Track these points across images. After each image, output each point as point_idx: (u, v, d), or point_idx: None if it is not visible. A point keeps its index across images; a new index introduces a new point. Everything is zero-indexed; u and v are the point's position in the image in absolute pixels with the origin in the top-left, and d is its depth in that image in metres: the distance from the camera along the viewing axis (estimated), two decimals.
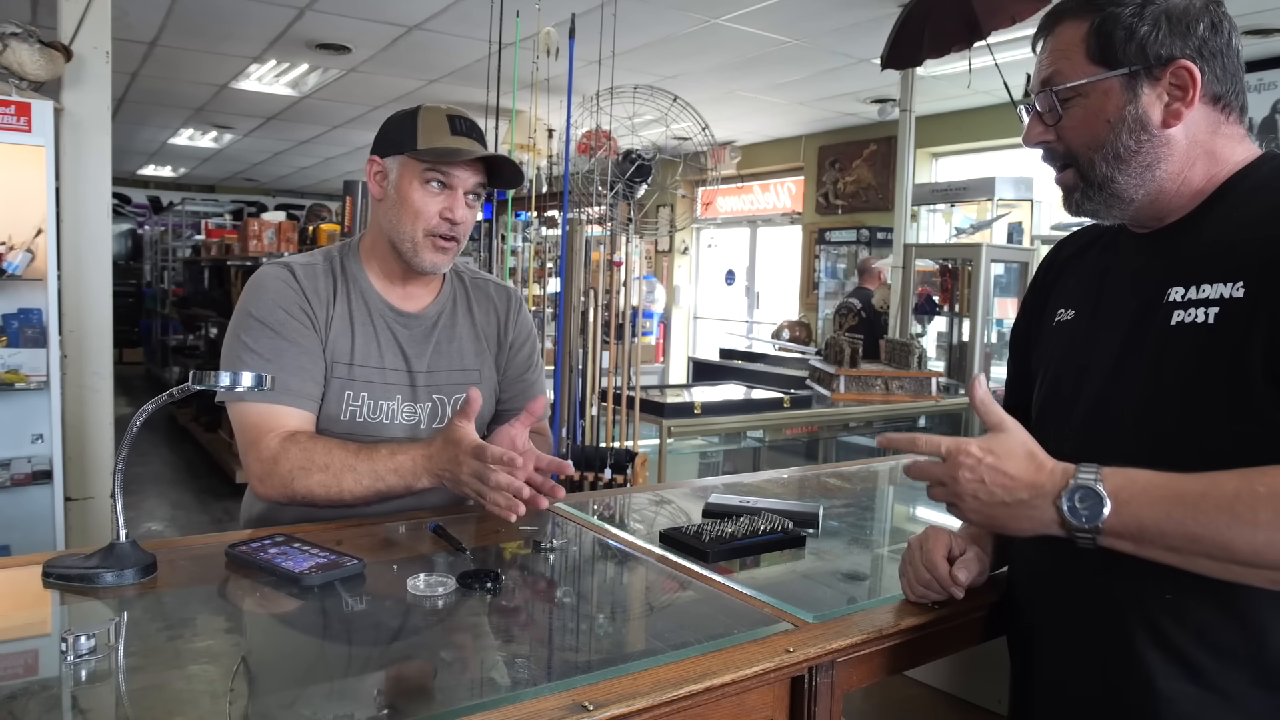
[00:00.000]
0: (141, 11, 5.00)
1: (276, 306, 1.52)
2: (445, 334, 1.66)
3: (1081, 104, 1.04)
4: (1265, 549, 0.85)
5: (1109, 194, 1.05)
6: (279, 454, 1.44)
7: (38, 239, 2.80)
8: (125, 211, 13.49)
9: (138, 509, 5.77)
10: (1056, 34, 1.06)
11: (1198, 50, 1.00)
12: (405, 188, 1.55)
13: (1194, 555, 0.89)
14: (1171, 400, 0.98)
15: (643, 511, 1.77)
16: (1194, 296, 0.97)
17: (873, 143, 7.75)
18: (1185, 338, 0.97)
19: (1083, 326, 1.12)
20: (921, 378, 4.43)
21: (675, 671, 0.95)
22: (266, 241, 6.50)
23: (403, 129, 1.57)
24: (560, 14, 3.94)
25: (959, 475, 0.98)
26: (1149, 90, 1.01)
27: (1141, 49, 1.00)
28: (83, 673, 0.91)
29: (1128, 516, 0.90)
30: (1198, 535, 0.88)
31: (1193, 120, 1.02)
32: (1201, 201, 1.03)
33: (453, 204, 1.56)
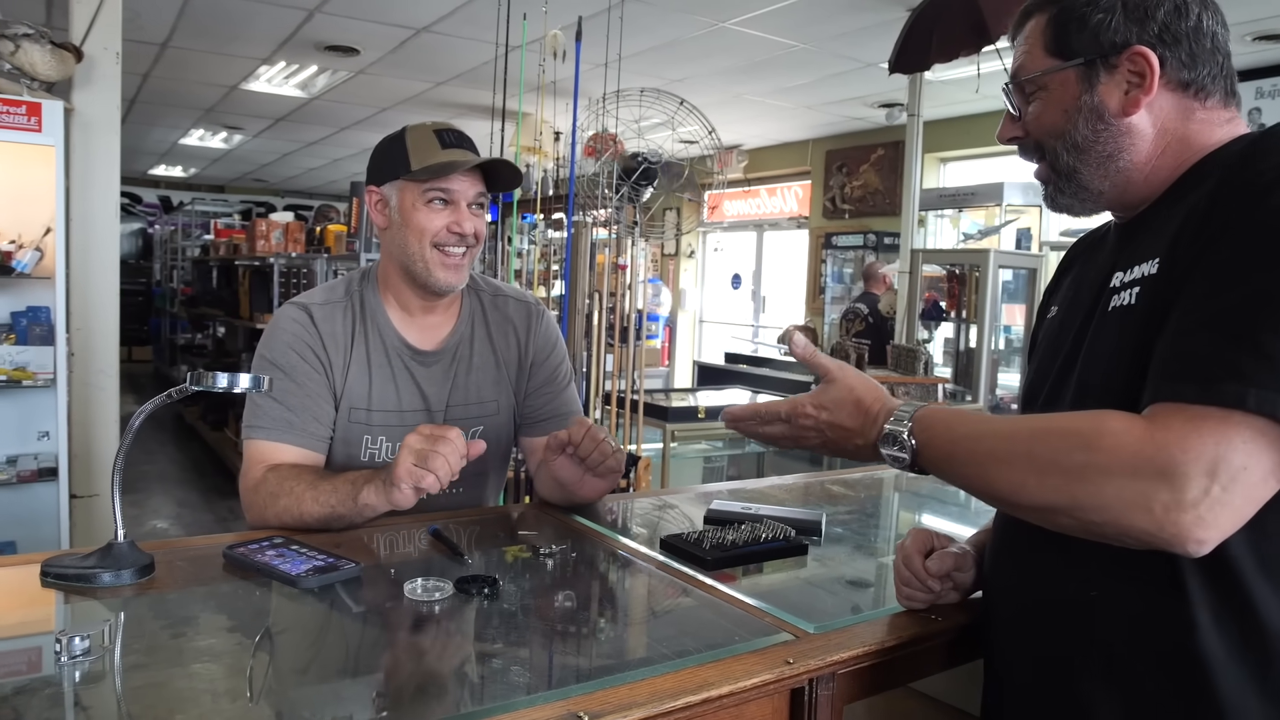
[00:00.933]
0: (153, 13, 5.02)
1: (289, 350, 1.55)
2: (463, 367, 1.66)
3: (1042, 96, 1.04)
4: (1019, 488, 0.90)
5: (1076, 185, 1.04)
6: (259, 483, 1.47)
7: (46, 238, 2.81)
8: (136, 211, 13.55)
9: (143, 507, 5.78)
10: (1025, 29, 1.06)
11: (1158, 36, 0.96)
12: (408, 210, 1.55)
13: (976, 489, 0.96)
14: (1099, 384, 0.97)
15: (644, 517, 1.76)
16: (1126, 279, 0.97)
17: (880, 147, 7.74)
18: (1114, 321, 0.97)
19: (1057, 320, 1.13)
20: (928, 384, 4.41)
21: (672, 682, 0.94)
22: (274, 242, 6.51)
23: (393, 154, 1.56)
24: (567, 17, 3.94)
25: (802, 435, 1.09)
26: (1106, 79, 0.99)
27: (1095, 38, 0.98)
28: (76, 674, 0.91)
29: (926, 457, 1.00)
30: (969, 477, 0.96)
31: (1159, 107, 0.98)
32: (1167, 188, 1.00)
33: (458, 217, 1.56)
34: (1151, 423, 0.84)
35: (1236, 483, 0.80)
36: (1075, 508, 0.86)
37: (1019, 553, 1.07)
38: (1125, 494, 0.82)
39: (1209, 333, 0.83)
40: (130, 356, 12.35)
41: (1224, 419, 0.80)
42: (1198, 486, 0.80)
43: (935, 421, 1.00)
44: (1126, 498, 0.82)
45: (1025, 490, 0.89)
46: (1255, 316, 0.81)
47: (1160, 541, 0.82)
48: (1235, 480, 0.80)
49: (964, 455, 0.96)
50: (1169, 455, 0.81)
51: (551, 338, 1.76)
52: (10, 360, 2.82)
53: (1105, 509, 0.84)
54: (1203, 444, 0.80)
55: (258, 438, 1.52)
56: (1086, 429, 0.87)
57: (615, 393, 3.58)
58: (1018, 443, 0.91)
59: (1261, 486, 0.81)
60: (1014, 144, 1.10)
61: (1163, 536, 0.82)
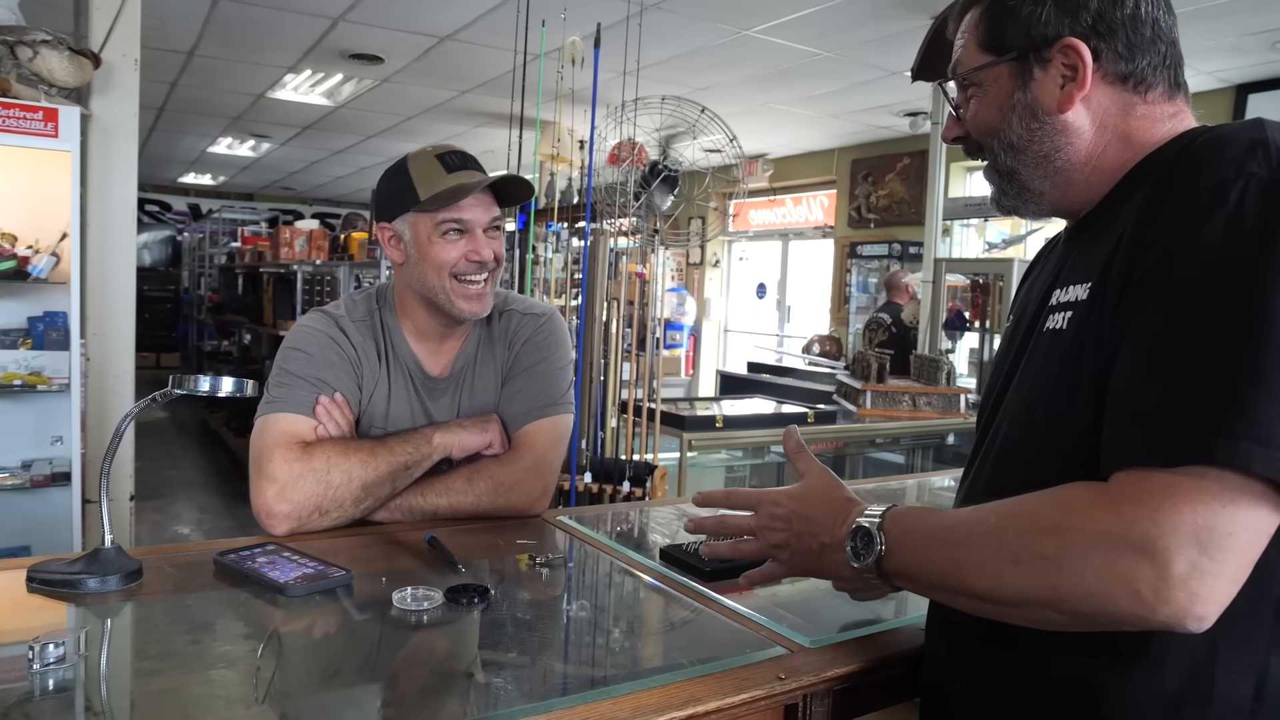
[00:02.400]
0: (179, 21, 5.08)
1: (324, 347, 1.54)
2: (468, 390, 1.64)
3: (978, 93, 0.98)
4: (994, 583, 0.81)
5: (1018, 186, 0.98)
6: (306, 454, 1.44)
7: (63, 243, 2.83)
8: (165, 219, 13.74)
9: (165, 512, 5.82)
10: (964, 22, 1.00)
11: (1091, 27, 0.90)
12: (423, 243, 1.51)
13: (953, 594, 0.87)
14: (1026, 412, 0.93)
15: (652, 526, 1.73)
16: (1062, 300, 0.91)
17: (906, 156, 7.67)
18: (1044, 345, 0.92)
19: (1008, 333, 1.08)
20: (950, 394, 4.35)
21: (658, 697, 0.91)
22: (298, 249, 6.56)
23: (398, 186, 1.52)
24: (587, 25, 3.93)
25: (768, 527, 1.03)
26: (1040, 74, 0.93)
27: (1026, 31, 0.92)
28: (49, 681, 0.89)
29: (898, 556, 0.91)
30: (944, 573, 0.86)
31: (1097, 102, 0.92)
32: (1107, 192, 0.94)
33: (475, 245, 1.52)
34: (1118, 493, 0.76)
35: (1226, 551, 0.72)
36: (1058, 600, 0.77)
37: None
38: (1107, 577, 0.74)
39: (1164, 387, 0.76)
40: (158, 363, 12.51)
41: (1198, 482, 0.72)
42: (1184, 560, 0.71)
43: (908, 515, 0.92)
44: (1109, 581, 0.74)
45: (1002, 582, 0.81)
46: (1216, 365, 0.73)
47: (1157, 624, 0.74)
48: (1224, 549, 0.72)
49: (937, 551, 0.88)
50: (1142, 530, 0.73)
51: (538, 340, 1.65)
52: (26, 365, 2.84)
53: (1090, 596, 0.75)
54: (1179, 514, 0.72)
55: (283, 410, 1.46)
56: (1051, 508, 0.80)
57: (632, 401, 3.55)
58: (988, 529, 0.83)
59: (1252, 547, 0.73)
60: (958, 144, 1.04)
61: (1158, 618, 0.73)
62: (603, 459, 3.47)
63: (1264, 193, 0.77)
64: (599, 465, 3.39)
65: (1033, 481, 0.84)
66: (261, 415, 1.48)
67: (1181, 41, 0.96)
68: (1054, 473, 0.83)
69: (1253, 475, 0.71)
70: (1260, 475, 0.71)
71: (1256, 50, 4.87)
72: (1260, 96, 5.42)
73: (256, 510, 1.43)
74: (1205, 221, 0.77)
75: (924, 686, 1.07)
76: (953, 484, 2.46)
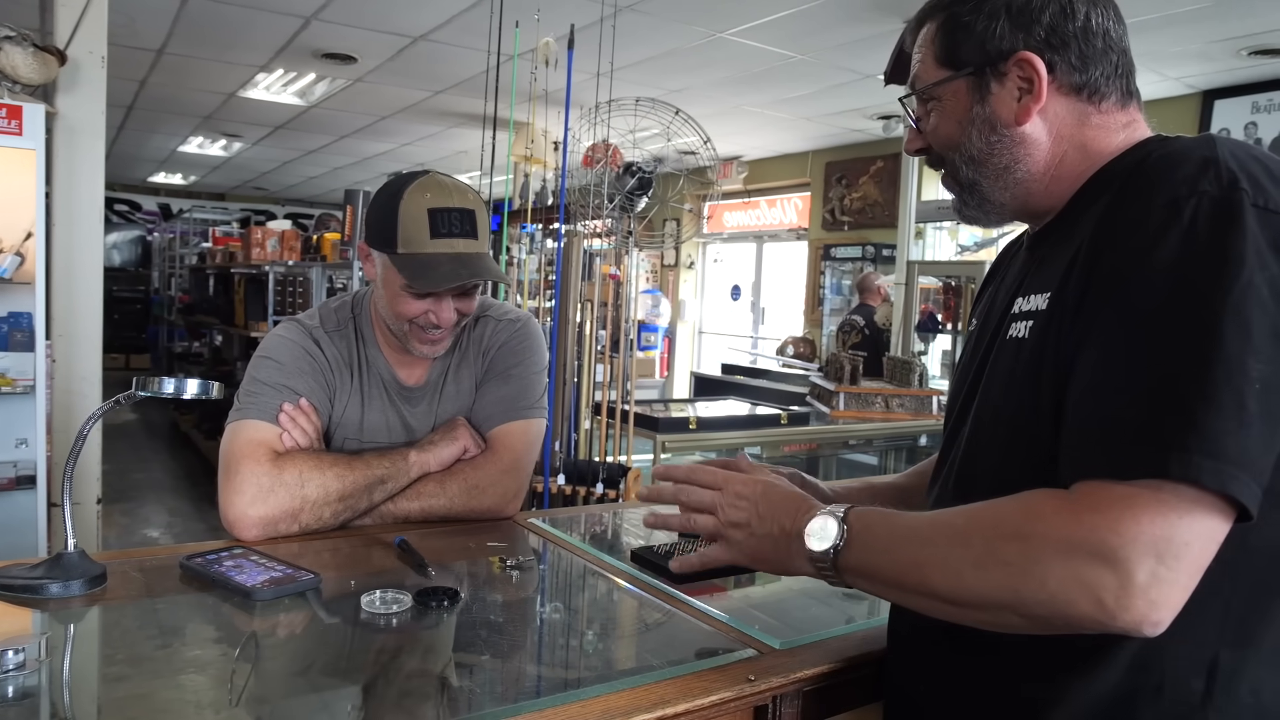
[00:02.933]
0: (148, 19, 5.01)
1: (295, 356, 1.53)
2: (443, 399, 1.62)
3: (937, 107, 1.00)
4: (956, 585, 0.83)
5: (979, 197, 1.00)
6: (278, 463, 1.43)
7: (27, 243, 2.79)
8: (135, 218, 13.56)
9: (134, 515, 5.75)
10: (919, 37, 1.02)
11: (1045, 40, 0.92)
12: (390, 287, 1.49)
13: (908, 593, 0.88)
14: (991, 419, 0.95)
15: (624, 528, 1.73)
16: (1024, 308, 0.93)
17: (879, 159, 7.72)
18: (1007, 353, 0.94)
19: (973, 338, 1.09)
20: (922, 396, 4.38)
21: (627, 699, 0.91)
22: (270, 250, 6.50)
23: (384, 223, 1.46)
24: (561, 26, 3.92)
25: (732, 501, 1.02)
26: (997, 88, 0.95)
27: (981, 46, 0.94)
28: (8, 689, 0.87)
29: (858, 550, 0.91)
30: (905, 573, 0.87)
31: (1053, 114, 0.94)
32: (1066, 202, 0.96)
33: (437, 309, 1.48)
34: (1079, 502, 0.78)
35: (1181, 560, 0.74)
36: (1019, 603, 0.79)
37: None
38: (1068, 583, 0.76)
39: (1121, 401, 0.78)
40: (128, 364, 12.34)
41: (1155, 495, 0.75)
42: (1144, 570, 0.74)
43: (872, 513, 0.93)
44: (1070, 587, 0.76)
45: (963, 584, 0.82)
46: (1170, 381, 0.76)
47: (1115, 629, 0.76)
48: (1179, 558, 0.74)
49: (899, 549, 0.88)
50: (1102, 539, 0.75)
51: (513, 345, 1.64)
52: None
53: (1051, 601, 0.77)
54: (1138, 525, 0.74)
55: (250, 417, 1.45)
56: (1015, 514, 0.82)
57: (605, 403, 3.55)
58: (954, 530, 0.85)
59: (1203, 556, 0.76)
60: (920, 155, 1.06)
61: (1117, 624, 0.76)
62: (576, 461, 3.47)
63: (1215, 211, 0.78)
64: (572, 467, 3.38)
65: (997, 487, 0.86)
66: (230, 423, 1.48)
67: (1150, 47, 0.98)
68: (1016, 478, 0.85)
69: (1204, 488, 0.74)
70: (1212, 488, 0.74)
71: (1222, 57, 4.95)
72: (1226, 102, 5.50)
73: (226, 519, 1.41)
74: (1160, 239, 0.79)
75: (886, 689, 1.08)
76: None
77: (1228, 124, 5.48)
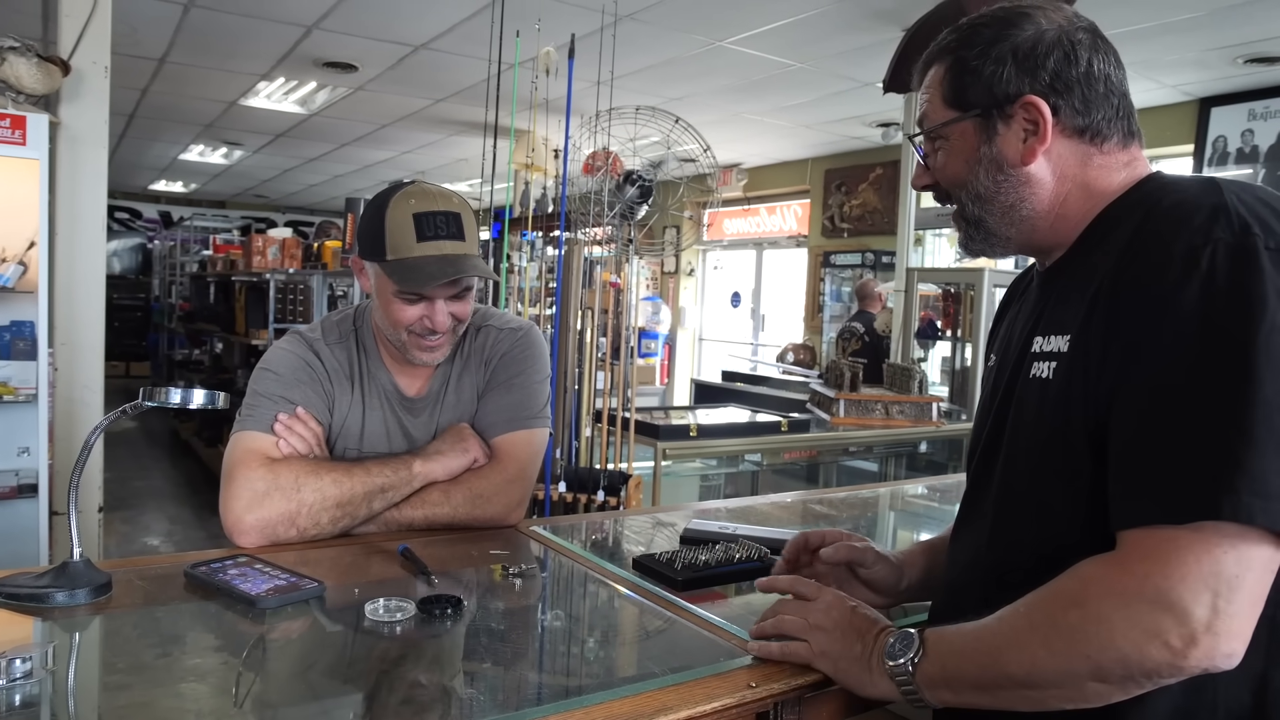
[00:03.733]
0: (150, 28, 5.04)
1: (295, 368, 1.54)
2: (444, 409, 1.63)
3: (945, 146, 1.04)
4: (1033, 668, 0.85)
5: (985, 232, 1.04)
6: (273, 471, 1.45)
7: (30, 252, 2.80)
8: (136, 226, 13.59)
9: (135, 524, 5.75)
10: (927, 78, 1.06)
11: (1049, 85, 0.97)
12: (383, 296, 1.51)
13: (996, 690, 0.89)
14: (1021, 456, 0.98)
15: (625, 535, 1.73)
16: (1045, 348, 0.97)
17: (878, 166, 7.74)
18: (1032, 392, 0.97)
19: (992, 374, 1.13)
20: (922, 402, 4.38)
21: (630, 706, 0.92)
22: (270, 258, 6.51)
23: (372, 232, 1.48)
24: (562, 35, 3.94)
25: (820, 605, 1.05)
26: (1004, 129, 0.99)
27: (988, 89, 0.99)
28: (15, 697, 0.88)
29: (935, 659, 0.92)
30: (984, 668, 0.89)
31: (1057, 155, 0.99)
32: (1075, 240, 1.01)
33: (431, 313, 1.49)
34: (1127, 554, 0.82)
35: (1237, 592, 0.78)
36: (1096, 669, 0.82)
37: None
38: (1133, 634, 0.79)
39: (1166, 449, 0.81)
40: (128, 372, 12.35)
41: (1199, 534, 0.78)
42: (1202, 606, 0.78)
43: (944, 628, 0.95)
44: (1136, 637, 0.79)
45: (1038, 665, 0.85)
46: (1211, 426, 0.79)
47: (1191, 669, 0.79)
48: (1235, 590, 0.78)
49: (973, 648, 0.91)
50: (1155, 585, 0.79)
51: (515, 354, 1.65)
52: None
53: (1123, 659, 0.80)
54: (1185, 566, 0.78)
55: (249, 429, 1.48)
56: (1070, 585, 0.85)
57: (606, 410, 3.56)
58: (1016, 618, 0.88)
59: (1259, 586, 0.79)
60: (927, 190, 1.10)
61: (1190, 664, 0.79)
62: (577, 468, 3.47)
63: (1232, 256, 0.82)
64: (573, 474, 3.39)
65: (1038, 534, 0.92)
66: (232, 435, 1.50)
67: (1147, 56, 1.04)
68: (1061, 526, 0.91)
69: (1254, 525, 0.77)
70: (1262, 525, 0.77)
71: (1218, 65, 4.97)
72: (1222, 109, 5.52)
73: (225, 526, 1.44)
74: (1183, 286, 0.83)
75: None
76: (925, 492, 2.48)
77: (1224, 131, 5.50)
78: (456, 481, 1.54)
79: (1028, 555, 0.95)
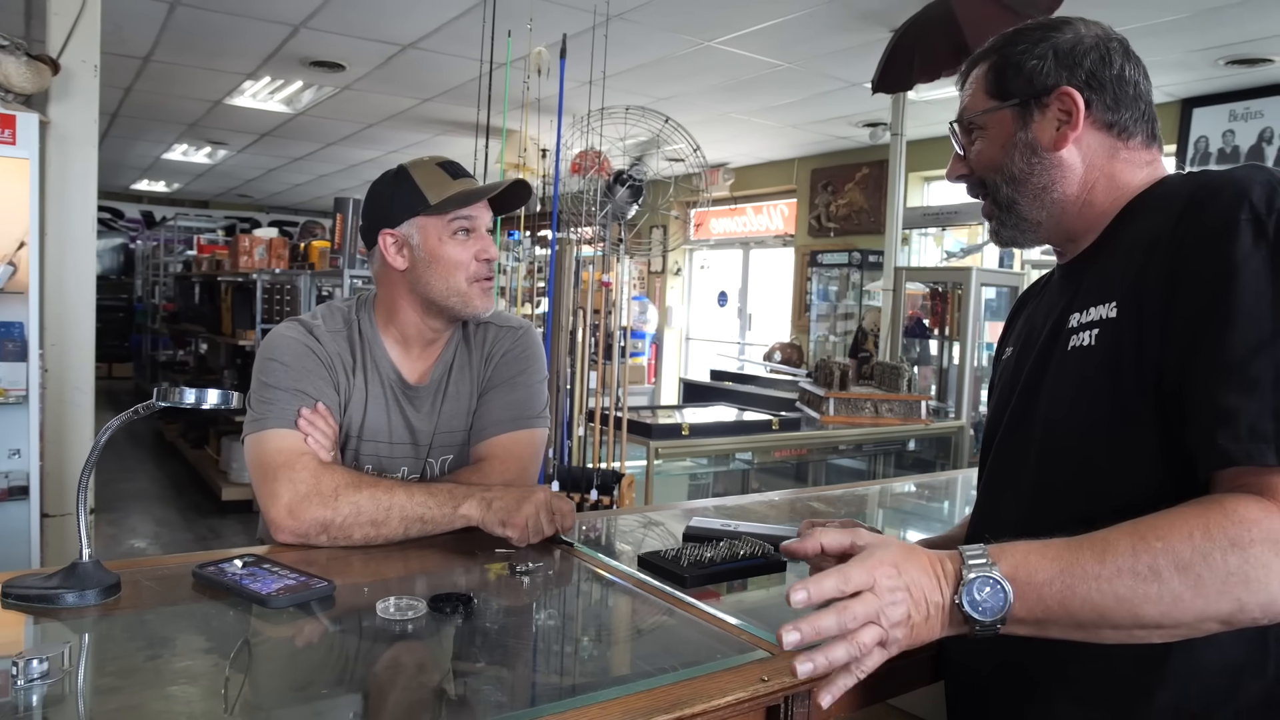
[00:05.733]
0: (135, 26, 5.01)
1: (301, 355, 1.53)
2: (445, 398, 1.64)
3: (983, 134, 1.13)
4: (1172, 607, 0.83)
5: (1016, 216, 1.11)
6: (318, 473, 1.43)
7: (20, 252, 2.78)
8: (118, 226, 13.48)
9: (121, 526, 5.71)
10: (970, 76, 1.16)
11: (1085, 81, 1.05)
12: (435, 246, 1.55)
13: (1100, 628, 0.86)
14: (1064, 421, 1.01)
15: (624, 534, 1.74)
16: (1084, 320, 1.01)
17: (865, 166, 7.78)
18: (1075, 360, 1.01)
19: (1011, 363, 1.18)
20: (911, 400, 4.42)
21: (645, 700, 0.93)
22: (257, 258, 6.48)
23: (405, 193, 1.56)
24: (552, 35, 3.95)
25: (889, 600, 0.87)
26: (1039, 117, 1.07)
27: (1029, 81, 1.07)
28: (33, 697, 0.88)
29: (1030, 601, 0.86)
30: (1104, 608, 0.84)
31: (1086, 144, 1.07)
32: (1104, 228, 1.07)
33: (484, 244, 1.58)
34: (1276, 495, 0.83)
35: None
36: (1240, 611, 0.82)
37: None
38: None
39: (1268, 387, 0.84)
40: (111, 373, 12.25)
41: None
42: None
43: (1017, 557, 0.87)
44: None
45: (1180, 605, 0.82)
46: None
47: None
48: None
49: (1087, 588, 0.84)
50: None
51: (516, 353, 1.67)
52: None
53: (1272, 603, 0.82)
54: None
55: (274, 427, 1.45)
56: (1224, 526, 0.82)
57: (599, 410, 3.57)
58: (1151, 556, 0.83)
59: None
60: (961, 181, 1.17)
61: None
62: (570, 468, 3.48)
63: None
64: (566, 474, 3.40)
65: (1096, 500, 0.94)
66: (251, 434, 1.47)
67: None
68: (1105, 484, 0.94)
69: None
70: None
71: (1200, 66, 5.03)
72: (1204, 110, 5.59)
73: (269, 520, 1.41)
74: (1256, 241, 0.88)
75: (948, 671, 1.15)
76: (915, 489, 2.51)
77: (1206, 132, 5.57)
78: (461, 481, 1.55)
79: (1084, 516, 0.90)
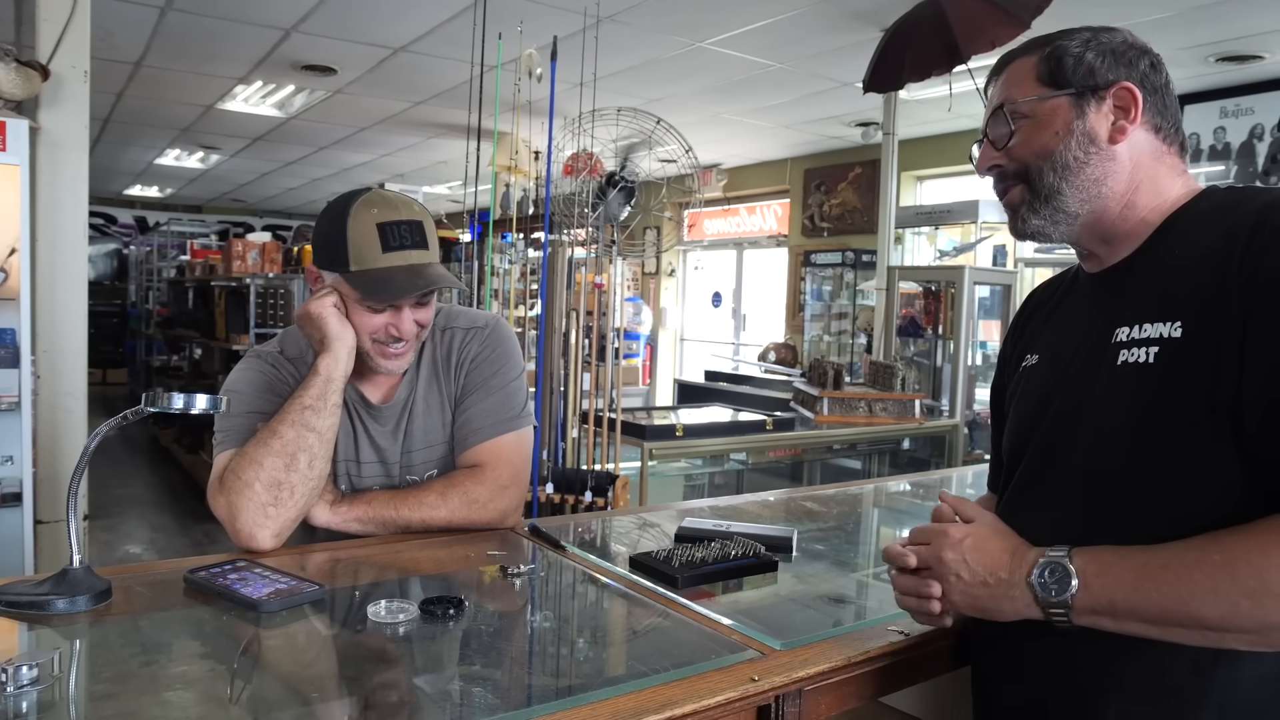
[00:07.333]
0: (126, 32, 5.00)
1: (257, 386, 1.56)
2: (412, 416, 1.62)
3: (1031, 122, 1.11)
4: (1230, 614, 0.88)
5: (1054, 207, 1.10)
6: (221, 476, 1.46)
7: (11, 258, 2.77)
8: (111, 231, 13.45)
9: (116, 531, 5.70)
10: (1006, 71, 1.15)
11: (1139, 81, 1.08)
12: (350, 304, 1.50)
13: (1168, 626, 0.92)
14: (1118, 438, 1.01)
15: (618, 535, 1.75)
16: (1137, 336, 1.01)
17: (858, 165, 7.79)
18: (1130, 376, 1.01)
19: (1042, 370, 1.16)
20: (905, 400, 4.42)
21: (634, 701, 0.93)
22: (250, 262, 6.47)
23: (334, 244, 1.47)
24: (543, 37, 3.95)
25: (944, 555, 1.04)
26: (1095, 109, 1.08)
27: (1090, 72, 1.08)
28: (23, 704, 0.88)
29: (1098, 591, 0.94)
30: (1166, 607, 0.91)
31: (1136, 142, 1.08)
32: (1146, 239, 1.08)
33: (397, 320, 1.50)
34: None
35: None
36: None
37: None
38: None
39: None
40: (105, 379, 12.23)
41: None
42: None
43: (1101, 551, 0.96)
44: None
45: (1238, 612, 0.88)
46: None
47: None
48: None
49: (1154, 585, 0.92)
50: None
51: (487, 354, 1.64)
52: None
53: None
54: None
55: (226, 449, 1.50)
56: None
57: (593, 411, 3.57)
58: (1214, 565, 0.90)
59: None
60: (993, 172, 1.16)
61: None
62: (564, 469, 3.48)
63: None
64: (560, 476, 3.40)
65: (1151, 518, 0.96)
66: (215, 459, 1.52)
67: None
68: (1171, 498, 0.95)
69: None
70: None
71: (1190, 64, 5.05)
72: (1195, 107, 5.60)
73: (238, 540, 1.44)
74: None
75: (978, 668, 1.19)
76: (909, 488, 2.51)
77: (1197, 129, 5.58)
78: (452, 485, 1.55)
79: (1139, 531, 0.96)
